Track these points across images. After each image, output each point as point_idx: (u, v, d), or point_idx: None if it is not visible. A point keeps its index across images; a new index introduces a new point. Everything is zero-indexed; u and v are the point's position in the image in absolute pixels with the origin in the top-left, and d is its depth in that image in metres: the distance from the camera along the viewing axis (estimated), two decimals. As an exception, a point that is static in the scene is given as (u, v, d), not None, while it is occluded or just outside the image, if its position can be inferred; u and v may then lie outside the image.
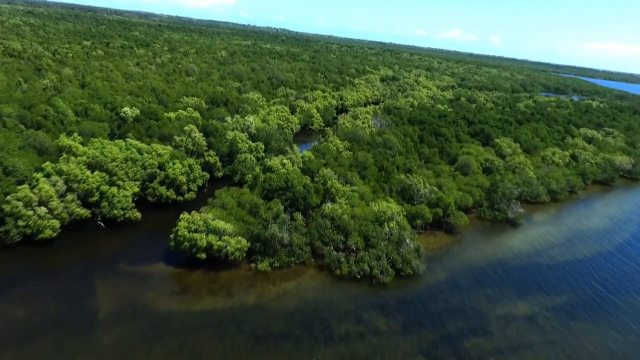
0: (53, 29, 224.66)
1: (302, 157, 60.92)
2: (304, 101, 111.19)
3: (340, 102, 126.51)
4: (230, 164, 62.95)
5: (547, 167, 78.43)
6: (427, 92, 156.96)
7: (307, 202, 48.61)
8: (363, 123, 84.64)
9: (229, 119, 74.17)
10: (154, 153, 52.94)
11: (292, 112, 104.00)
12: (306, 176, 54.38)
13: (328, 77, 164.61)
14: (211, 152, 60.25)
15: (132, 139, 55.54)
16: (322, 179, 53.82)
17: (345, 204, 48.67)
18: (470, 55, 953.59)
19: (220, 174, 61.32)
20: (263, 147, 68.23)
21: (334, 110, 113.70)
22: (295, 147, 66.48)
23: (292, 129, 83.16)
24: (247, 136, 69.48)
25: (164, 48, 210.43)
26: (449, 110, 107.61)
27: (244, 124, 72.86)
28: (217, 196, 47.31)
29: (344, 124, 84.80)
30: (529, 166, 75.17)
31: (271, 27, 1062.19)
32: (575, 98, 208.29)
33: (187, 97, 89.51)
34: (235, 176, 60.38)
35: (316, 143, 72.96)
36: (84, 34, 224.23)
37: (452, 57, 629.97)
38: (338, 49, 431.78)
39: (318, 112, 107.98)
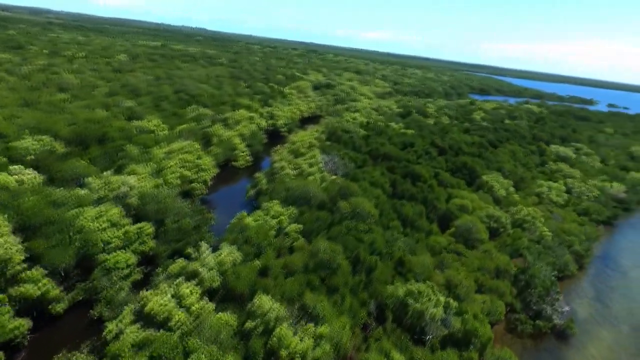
0: None
1: (218, 263, 33.67)
2: (222, 126, 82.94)
3: (270, 121, 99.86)
4: (84, 279, 33.93)
5: (557, 216, 59.30)
6: (369, 103, 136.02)
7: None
8: (310, 166, 59.05)
9: (93, 180, 44.43)
10: None
11: (207, 144, 75.56)
12: (228, 316, 27.76)
13: (253, 86, 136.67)
14: (33, 273, 30.67)
15: None
16: (260, 324, 27.47)
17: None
18: (389, 54, 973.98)
19: (61, 307, 31.97)
20: (151, 230, 39.99)
21: (263, 136, 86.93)
22: (203, 245, 37.92)
23: (205, 182, 54.93)
24: (123, 212, 40.65)
25: (44, 51, 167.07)
26: (410, 132, 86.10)
27: (120, 187, 43.65)
28: None
29: (282, 168, 58.36)
30: (538, 218, 55.14)
31: (186, 26, 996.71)
32: (511, 101, 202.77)
33: (33, 135, 57.26)
34: (95, 308, 31.68)
35: (245, 214, 45.78)
36: None
37: (375, 57, 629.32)
38: (260, 49, 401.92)
39: (243, 140, 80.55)
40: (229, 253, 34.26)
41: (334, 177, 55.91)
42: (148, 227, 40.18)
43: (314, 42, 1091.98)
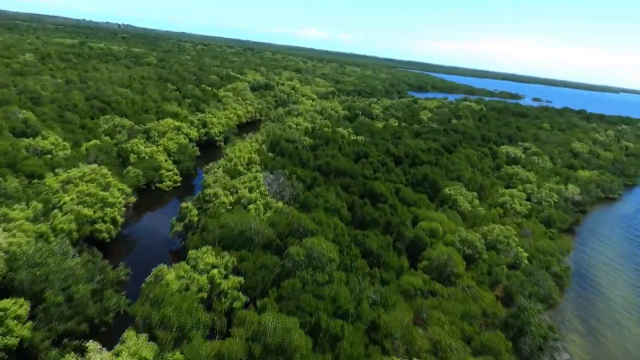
0: None
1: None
2: (143, 140, 69.67)
3: (203, 130, 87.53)
4: None
5: (527, 231, 54.11)
6: (312, 105, 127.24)
7: None
8: (251, 190, 48.54)
9: None
10: None
11: (123, 163, 62.42)
12: None
13: (183, 89, 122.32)
14: None
15: None
16: None
17: None
18: (327, 52, 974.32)
19: None
20: (24, 310, 27.89)
21: (195, 148, 74.81)
22: (91, 346, 25.46)
23: (113, 220, 42.48)
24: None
25: None
26: (361, 139, 78.14)
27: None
28: None
29: (216, 195, 47.22)
30: (512, 237, 49.30)
31: (111, 23, 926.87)
32: (452, 98, 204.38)
33: None
34: None
35: (164, 268, 34.49)
36: None
37: (312, 55, 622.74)
38: (193, 47, 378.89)
39: (169, 156, 68.04)
40: (135, 350, 23.35)
41: (280, 204, 46.06)
42: (17, 306, 27.98)
43: (250, 39, 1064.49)
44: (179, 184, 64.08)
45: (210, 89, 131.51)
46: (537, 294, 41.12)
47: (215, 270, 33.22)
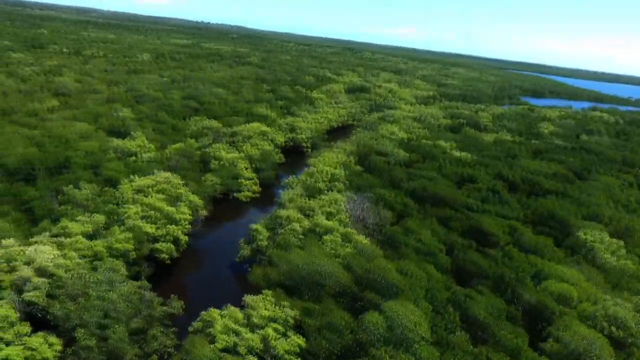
0: None
1: None
2: (227, 145, 66.82)
3: (290, 134, 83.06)
4: None
5: None
6: (410, 110, 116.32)
7: None
8: (329, 216, 41.38)
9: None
10: None
11: (205, 167, 59.76)
12: None
13: (277, 90, 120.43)
14: None
15: None
16: None
17: None
18: (429, 52, 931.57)
19: None
20: (56, 349, 24.12)
21: (278, 155, 70.11)
22: None
23: (175, 239, 38.34)
24: (17, 313, 25.08)
25: (64, 50, 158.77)
26: (466, 156, 66.31)
27: (20, 269, 28.06)
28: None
29: (288, 218, 40.86)
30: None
31: (225, 24, 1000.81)
32: (577, 106, 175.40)
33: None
34: None
35: (215, 313, 28.90)
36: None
37: (412, 55, 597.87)
38: (295, 47, 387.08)
39: (251, 163, 64.16)
40: None
41: (361, 237, 38.04)
42: (46, 347, 24.25)
43: (352, 40, 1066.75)
44: (257, 195, 59.65)
45: (304, 90, 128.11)
46: None
47: (270, 329, 26.51)
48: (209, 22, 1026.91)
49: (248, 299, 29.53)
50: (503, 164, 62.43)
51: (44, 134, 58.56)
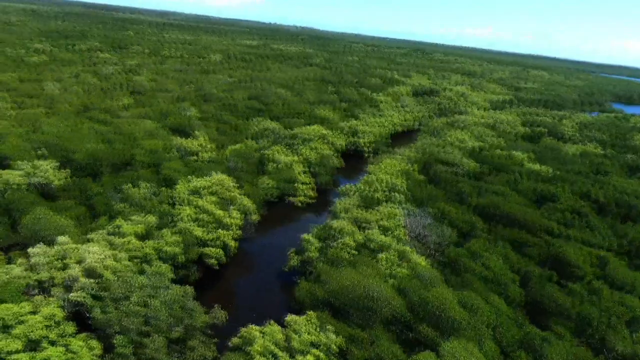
0: (28, 28, 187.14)
1: None
2: (286, 147, 65.75)
3: (352, 138, 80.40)
4: None
5: None
6: (482, 116, 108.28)
7: None
8: (385, 232, 38.17)
9: (42, 250, 29.66)
10: None
11: (262, 168, 59.08)
12: None
13: (341, 92, 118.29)
14: None
15: None
16: None
17: None
18: (505, 53, 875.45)
19: None
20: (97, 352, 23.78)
21: (337, 159, 67.71)
22: None
23: (223, 245, 37.33)
24: (64, 311, 25.23)
25: (145, 51, 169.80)
26: (546, 170, 59.20)
27: (69, 269, 28.33)
28: None
29: (341, 231, 38.26)
30: None
31: (297, 26, 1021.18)
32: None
33: (41, 157, 45.92)
34: None
35: (254, 330, 27.17)
36: (58, 32, 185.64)
37: (486, 56, 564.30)
38: (363, 48, 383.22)
39: (308, 167, 62.50)
40: None
41: (421, 259, 34.41)
42: (87, 350, 23.94)
43: (422, 41, 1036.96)
44: (313, 200, 57.78)
45: (368, 92, 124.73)
46: None
47: (311, 357, 24.14)
48: (280, 24, 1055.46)
49: (291, 319, 27.43)
50: (590, 181, 54.63)
51: (115, 130, 61.45)
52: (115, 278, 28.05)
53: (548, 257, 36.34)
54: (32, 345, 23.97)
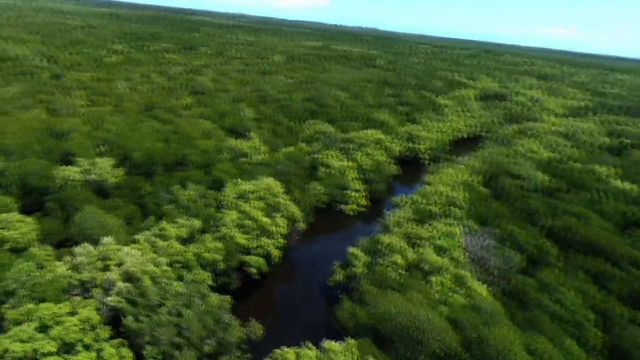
0: (108, 31, 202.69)
1: None
2: (337, 152, 63.45)
3: (409, 144, 76.35)
4: None
5: None
6: (557, 124, 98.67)
7: None
8: (440, 251, 34.50)
9: (87, 250, 29.84)
10: None
11: (313, 173, 57.29)
12: None
13: (400, 95, 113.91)
14: None
15: None
16: None
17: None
18: (581, 55, 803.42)
19: None
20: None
21: (393, 166, 64.23)
22: None
23: (267, 254, 35.81)
24: (103, 315, 24.93)
25: (208, 52, 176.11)
26: (633, 190, 51.60)
27: (109, 274, 28.14)
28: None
29: (391, 247, 35.21)
30: None
31: (361, 27, 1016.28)
32: None
33: (99, 154, 47.65)
34: None
35: (290, 354, 25.20)
36: (133, 34, 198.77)
37: (561, 57, 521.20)
38: (430, 49, 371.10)
39: (362, 174, 59.74)
40: None
41: (481, 288, 30.52)
42: (118, 358, 23.34)
43: (490, 41, 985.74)
44: (365, 209, 54.95)
45: (430, 95, 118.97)
46: None
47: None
48: (343, 26, 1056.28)
49: (328, 345, 25.08)
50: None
51: (173, 129, 62.87)
52: (152, 284, 27.42)
53: (635, 294, 30.72)
54: (67, 348, 23.80)
